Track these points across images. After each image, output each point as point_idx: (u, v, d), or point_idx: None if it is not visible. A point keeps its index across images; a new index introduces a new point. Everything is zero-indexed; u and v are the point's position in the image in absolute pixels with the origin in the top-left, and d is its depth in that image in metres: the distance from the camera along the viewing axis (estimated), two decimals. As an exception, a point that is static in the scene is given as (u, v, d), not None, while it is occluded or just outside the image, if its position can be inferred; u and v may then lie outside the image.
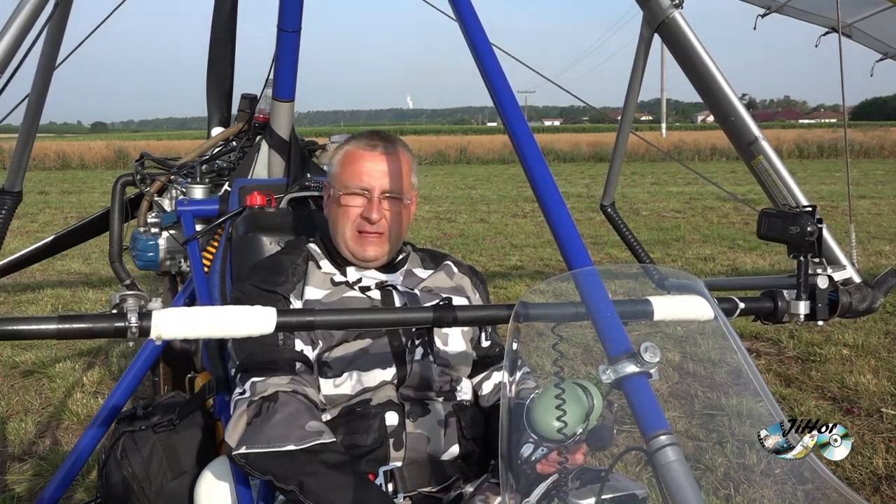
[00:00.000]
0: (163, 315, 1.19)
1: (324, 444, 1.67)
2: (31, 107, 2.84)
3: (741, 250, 9.94)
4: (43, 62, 2.70)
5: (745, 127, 2.54)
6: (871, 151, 32.12)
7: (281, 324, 1.29)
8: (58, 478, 2.51)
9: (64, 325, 1.16)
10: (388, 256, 2.04)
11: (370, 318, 1.58)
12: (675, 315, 1.36)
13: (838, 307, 1.99)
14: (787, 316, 1.75)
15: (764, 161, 2.50)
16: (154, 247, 2.91)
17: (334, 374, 1.86)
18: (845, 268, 2.36)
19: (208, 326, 1.24)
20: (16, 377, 5.08)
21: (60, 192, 19.18)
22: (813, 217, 1.80)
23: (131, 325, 1.17)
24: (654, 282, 2.23)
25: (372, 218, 1.95)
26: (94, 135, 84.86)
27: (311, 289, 1.96)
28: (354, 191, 1.98)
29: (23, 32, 2.05)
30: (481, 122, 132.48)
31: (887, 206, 14.53)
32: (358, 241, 1.98)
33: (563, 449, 1.36)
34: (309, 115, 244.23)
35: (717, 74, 2.55)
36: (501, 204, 16.20)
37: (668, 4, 2.56)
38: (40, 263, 5.63)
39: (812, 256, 1.79)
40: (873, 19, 3.64)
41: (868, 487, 3.55)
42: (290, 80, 2.72)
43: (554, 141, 36.72)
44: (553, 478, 1.55)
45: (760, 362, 5.39)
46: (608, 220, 3.43)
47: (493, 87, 1.58)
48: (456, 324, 1.46)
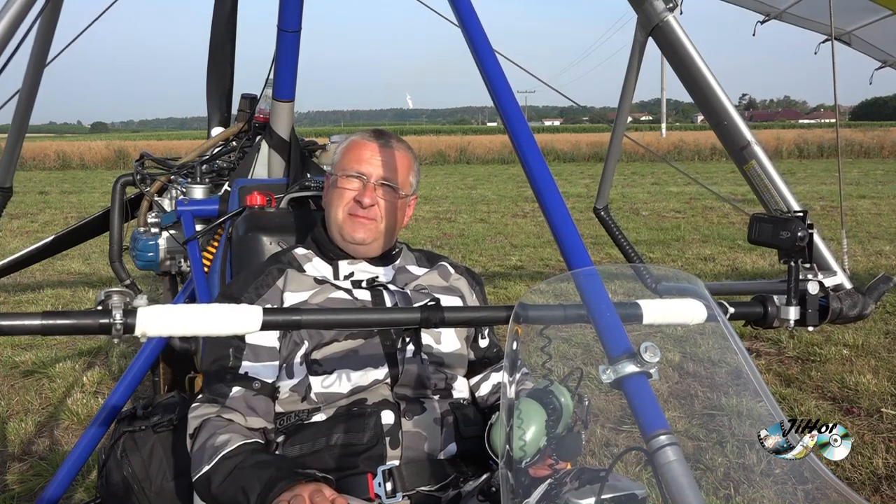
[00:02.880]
0: (147, 312, 1.18)
1: (227, 453, 1.71)
2: (21, 103, 2.85)
3: (741, 250, 9.94)
4: (34, 58, 2.70)
5: (738, 131, 2.54)
6: (871, 151, 32.13)
7: (267, 322, 1.28)
8: (58, 478, 2.51)
9: (48, 321, 1.15)
10: (381, 247, 2.04)
11: (357, 319, 1.58)
12: (665, 318, 1.35)
13: (829, 313, 1.98)
14: (777, 321, 1.75)
15: (756, 166, 2.50)
16: (154, 247, 2.91)
17: (325, 371, 1.86)
18: (836, 274, 2.36)
19: (194, 325, 1.23)
20: (16, 377, 5.08)
21: (60, 192, 19.18)
22: (804, 222, 1.80)
23: (115, 322, 1.15)
24: (647, 284, 2.22)
25: (364, 202, 1.97)
26: (94, 135, 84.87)
27: (290, 294, 1.95)
28: (351, 174, 2.00)
29: (12, 27, 2.05)
30: (481, 122, 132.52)
31: (887, 206, 14.53)
32: (349, 222, 1.99)
33: (530, 464, 1.37)
34: (309, 115, 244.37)
35: (710, 78, 2.55)
36: (501, 204, 16.20)
37: (662, 8, 2.56)
38: (40, 263, 5.63)
39: (802, 262, 1.79)
40: (873, 27, 3.65)
41: (868, 487, 3.55)
42: (290, 80, 2.72)
43: (554, 141, 36.75)
44: (554, 478, 1.55)
45: (760, 362, 5.39)
46: (602, 223, 3.40)
47: (493, 88, 1.58)
48: (444, 324, 1.45)
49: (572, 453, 1.40)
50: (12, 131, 3.00)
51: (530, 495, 1.45)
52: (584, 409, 1.40)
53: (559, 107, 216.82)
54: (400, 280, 2.06)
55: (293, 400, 1.88)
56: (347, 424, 1.82)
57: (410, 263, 2.13)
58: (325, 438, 1.82)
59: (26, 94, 2.82)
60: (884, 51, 4.04)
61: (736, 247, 10.22)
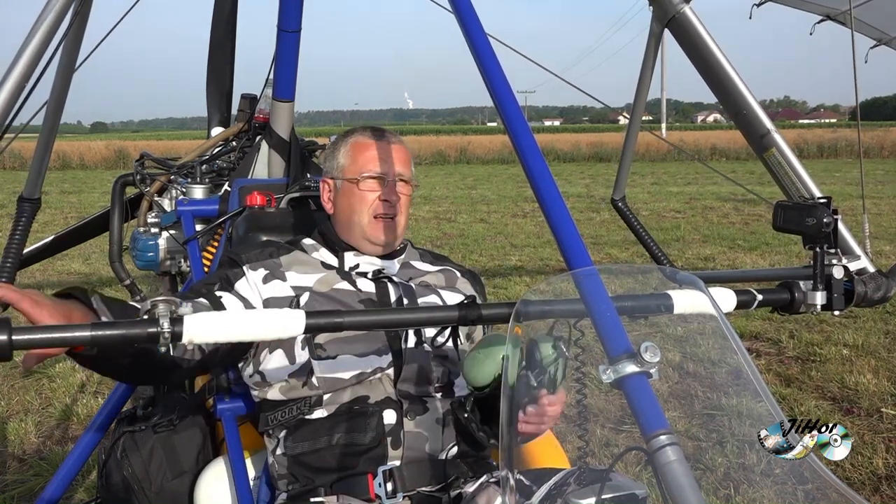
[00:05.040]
0: (193, 320, 1.20)
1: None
2: (49, 113, 2.84)
3: (741, 250, 9.95)
4: (61, 69, 2.69)
5: (758, 120, 2.55)
6: (871, 151, 32.12)
7: (310, 326, 1.31)
8: (58, 478, 2.51)
9: (97, 332, 1.17)
10: (399, 242, 2.08)
11: (396, 319, 1.56)
12: (693, 308, 1.35)
13: (854, 297, 1.99)
14: (803, 307, 1.76)
15: (777, 153, 2.52)
16: (154, 247, 2.91)
17: (328, 356, 1.86)
18: (860, 258, 2.37)
19: (238, 330, 1.26)
20: (16, 377, 5.08)
21: (60, 192, 19.17)
22: (829, 208, 1.81)
23: (164, 331, 1.18)
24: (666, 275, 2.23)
25: (392, 199, 1.99)
26: (94, 135, 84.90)
27: (294, 274, 1.96)
28: (372, 175, 2.00)
29: (45, 42, 2.07)
30: (481, 122, 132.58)
31: (887, 206, 14.54)
32: (375, 226, 1.99)
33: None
34: (309, 115, 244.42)
35: (729, 68, 2.56)
36: (501, 204, 16.21)
37: (678, 0, 2.56)
38: (40, 263, 5.63)
39: (828, 247, 1.80)
40: (868, 6, 3.65)
41: (868, 487, 3.56)
42: (290, 80, 2.72)
43: (554, 141, 36.76)
44: (555, 479, 1.56)
45: (760, 362, 5.39)
46: (619, 214, 3.45)
47: (492, 87, 1.58)
48: (480, 321, 1.44)
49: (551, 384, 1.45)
50: (39, 144, 2.99)
51: (532, 496, 1.46)
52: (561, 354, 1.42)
53: (559, 106, 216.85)
54: (404, 274, 2.06)
55: (294, 387, 1.88)
56: (349, 424, 1.82)
57: (415, 259, 2.14)
58: (327, 437, 1.82)
59: (54, 105, 2.81)
60: (879, 29, 4.04)
61: (736, 247, 10.22)
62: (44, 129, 2.92)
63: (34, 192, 3.01)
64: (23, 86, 2.29)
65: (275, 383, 1.91)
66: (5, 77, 2.29)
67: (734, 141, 31.11)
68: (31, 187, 3.04)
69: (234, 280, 1.93)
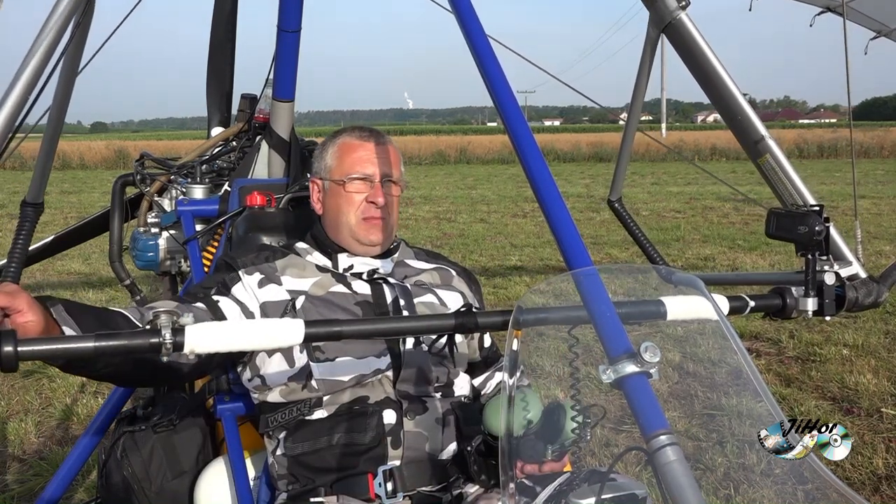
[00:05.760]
0: (195, 330, 1.23)
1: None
2: (52, 119, 2.84)
3: (741, 250, 9.95)
4: (64, 75, 2.70)
5: (752, 126, 2.56)
6: (871, 151, 32.11)
7: (309, 335, 1.32)
8: (58, 478, 2.51)
9: (101, 343, 1.19)
10: (388, 243, 2.07)
11: (394, 327, 1.58)
12: (686, 314, 1.36)
13: (845, 302, 2.01)
14: (795, 312, 1.78)
15: (770, 159, 2.53)
16: (154, 247, 2.91)
17: (327, 358, 1.86)
18: (851, 264, 2.39)
19: (238, 340, 1.29)
20: (16, 377, 5.08)
21: (60, 192, 19.16)
22: (820, 216, 1.82)
23: (166, 342, 1.20)
24: (662, 276, 2.23)
25: (378, 202, 1.98)
26: (94, 135, 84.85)
27: (290, 279, 1.96)
28: (358, 176, 2.00)
29: (49, 52, 2.09)
30: (481, 122, 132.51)
31: (887, 206, 14.53)
32: (363, 226, 1.99)
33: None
34: (309, 115, 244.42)
35: (724, 74, 2.57)
36: (501, 204, 16.20)
37: (674, 6, 2.58)
38: (40, 263, 5.63)
39: (819, 254, 1.81)
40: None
41: (868, 487, 3.56)
42: (290, 80, 2.72)
43: (554, 141, 36.75)
44: (559, 481, 1.56)
45: (760, 362, 5.39)
46: (616, 215, 3.46)
47: (492, 87, 1.58)
48: (478, 329, 1.46)
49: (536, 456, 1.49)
50: (42, 150, 3.00)
51: (536, 497, 1.46)
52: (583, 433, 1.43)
53: (559, 107, 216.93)
54: (399, 273, 2.06)
55: (293, 389, 1.88)
56: (349, 424, 1.82)
57: (409, 258, 2.14)
58: (327, 437, 1.82)
59: (56, 111, 2.82)
60: (878, 21, 4.03)
61: (736, 247, 10.22)
62: (46, 134, 2.93)
63: (38, 196, 3.01)
64: (28, 94, 2.31)
65: (274, 386, 1.91)
66: (11, 86, 2.31)
67: (734, 141, 30.65)
68: (34, 192, 3.04)
69: (231, 284, 1.93)
